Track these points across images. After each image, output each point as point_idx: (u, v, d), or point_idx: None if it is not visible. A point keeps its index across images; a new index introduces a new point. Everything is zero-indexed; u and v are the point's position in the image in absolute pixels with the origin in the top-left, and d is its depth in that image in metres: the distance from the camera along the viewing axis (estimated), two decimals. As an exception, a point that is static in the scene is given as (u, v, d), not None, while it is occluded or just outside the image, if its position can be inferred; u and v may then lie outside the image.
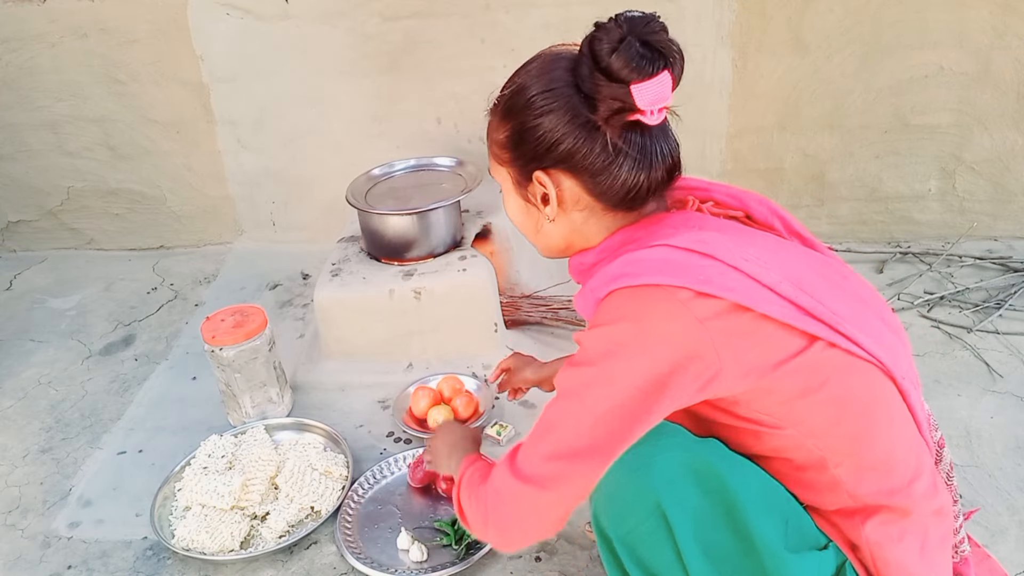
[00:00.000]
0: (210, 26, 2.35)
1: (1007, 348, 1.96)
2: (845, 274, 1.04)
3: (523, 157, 1.02)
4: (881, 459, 0.97)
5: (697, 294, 0.90)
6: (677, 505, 0.96)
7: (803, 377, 0.93)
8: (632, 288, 0.93)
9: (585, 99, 0.96)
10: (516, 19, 2.24)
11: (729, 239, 0.96)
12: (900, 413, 0.99)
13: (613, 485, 0.99)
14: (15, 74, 2.48)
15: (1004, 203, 2.39)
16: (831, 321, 0.93)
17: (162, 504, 1.64)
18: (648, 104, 0.93)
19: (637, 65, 0.91)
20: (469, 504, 1.06)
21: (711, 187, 1.09)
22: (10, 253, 2.78)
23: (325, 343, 2.00)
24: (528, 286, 2.16)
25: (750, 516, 0.96)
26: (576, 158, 0.97)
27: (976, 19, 2.14)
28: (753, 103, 2.31)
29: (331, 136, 2.47)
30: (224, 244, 2.72)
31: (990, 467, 1.61)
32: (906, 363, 1.01)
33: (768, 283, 0.92)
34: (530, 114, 0.99)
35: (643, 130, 0.96)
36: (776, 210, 1.09)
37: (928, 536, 1.01)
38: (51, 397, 2.06)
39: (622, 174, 0.97)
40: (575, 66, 0.97)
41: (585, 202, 1.01)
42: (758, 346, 0.91)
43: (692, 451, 0.98)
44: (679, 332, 0.90)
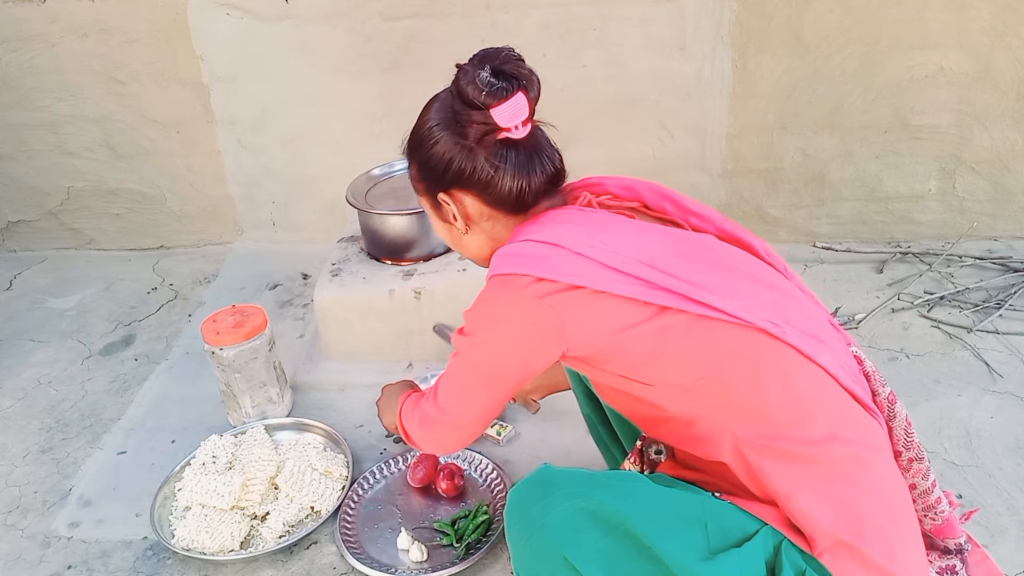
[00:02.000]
0: (210, 26, 2.35)
1: (1007, 348, 1.96)
2: (708, 247, 1.14)
3: (429, 185, 1.20)
4: (758, 407, 1.04)
5: (536, 279, 1.07)
6: (582, 552, 1.02)
7: (649, 340, 1.06)
8: (494, 277, 1.12)
9: (460, 127, 1.13)
10: (516, 19, 2.24)
11: (583, 230, 1.11)
12: (781, 363, 1.05)
13: (521, 547, 1.08)
14: (15, 74, 2.48)
15: (1004, 203, 2.39)
16: (681, 290, 1.05)
17: (162, 504, 1.64)
18: (507, 122, 1.10)
19: (491, 91, 1.08)
20: (408, 423, 1.31)
21: (605, 181, 1.23)
22: (10, 253, 2.78)
23: (325, 343, 2.00)
24: (528, 286, 2.16)
25: (655, 540, 1.01)
26: (465, 176, 1.14)
27: (976, 19, 2.14)
28: (753, 103, 2.31)
29: (331, 136, 2.47)
30: (224, 244, 2.72)
31: (990, 467, 1.61)
32: (802, 319, 1.09)
33: (612, 264, 1.06)
34: (425, 147, 1.18)
35: (514, 144, 1.12)
36: (667, 194, 1.21)
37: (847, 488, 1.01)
38: (51, 397, 2.06)
39: (506, 183, 1.13)
40: (452, 102, 1.15)
41: (487, 212, 1.17)
42: (597, 315, 1.07)
43: (583, 495, 1.05)
44: (520, 310, 1.09)
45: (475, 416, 1.22)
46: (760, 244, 1.20)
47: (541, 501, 1.07)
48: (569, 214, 1.16)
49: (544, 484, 1.09)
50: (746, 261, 1.15)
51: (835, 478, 1.02)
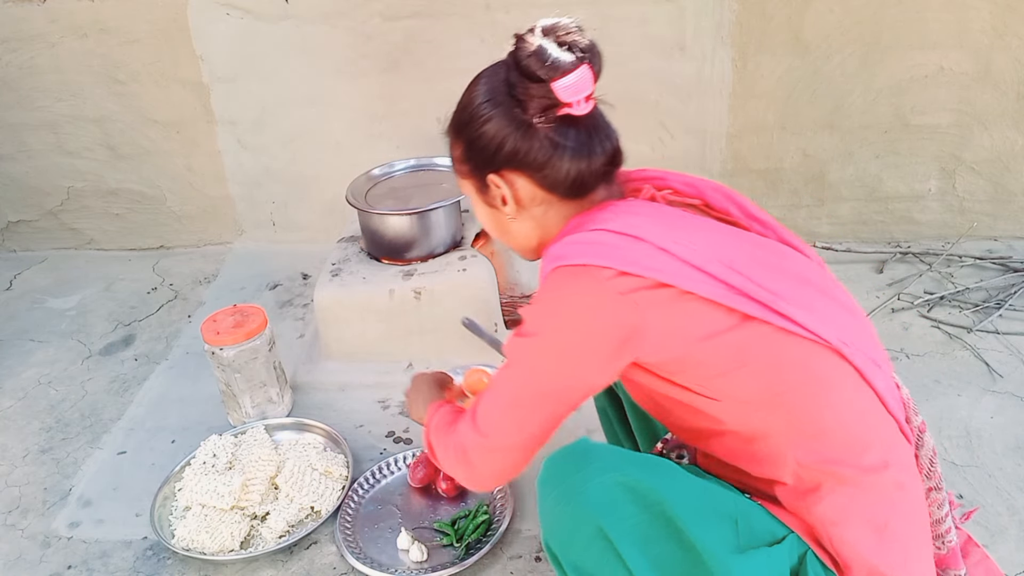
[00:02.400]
0: (210, 26, 2.35)
1: (1007, 348, 1.96)
2: (784, 255, 1.09)
3: (477, 165, 1.11)
4: (823, 429, 1.00)
5: (619, 273, 0.98)
6: (618, 525, 1.00)
7: (731, 352, 1.00)
8: (564, 267, 1.02)
9: (518, 102, 1.05)
10: (516, 19, 2.23)
11: (662, 224, 1.04)
12: (846, 386, 1.02)
13: (556, 514, 1.04)
14: (15, 74, 2.48)
15: (1004, 203, 2.39)
16: (764, 299, 0.99)
17: (162, 504, 1.64)
18: (571, 96, 1.02)
19: (555, 64, 1.01)
20: (440, 448, 1.18)
21: (667, 176, 1.16)
22: (10, 253, 2.78)
23: (325, 343, 2.00)
24: (528, 286, 2.16)
25: (690, 525, 0.99)
26: (520, 156, 1.06)
27: (976, 19, 2.14)
28: (753, 103, 2.31)
29: (331, 136, 2.47)
30: (224, 244, 2.72)
31: (990, 467, 1.61)
32: (864, 340, 1.06)
33: (696, 263, 0.99)
34: (475, 125, 1.09)
35: (575, 122, 1.05)
36: (732, 196, 1.15)
37: (888, 514, 1.01)
38: (51, 397, 2.06)
39: (564, 164, 1.06)
40: (506, 75, 1.07)
41: (540, 196, 1.09)
42: (681, 318, 0.99)
43: (623, 471, 1.01)
44: (599, 306, 0.99)
45: (523, 439, 1.07)
46: (815, 257, 1.14)
47: (581, 471, 1.02)
48: (638, 206, 1.09)
49: (584, 454, 1.04)
50: (818, 274, 1.10)
51: (880, 505, 1.00)
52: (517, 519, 1.56)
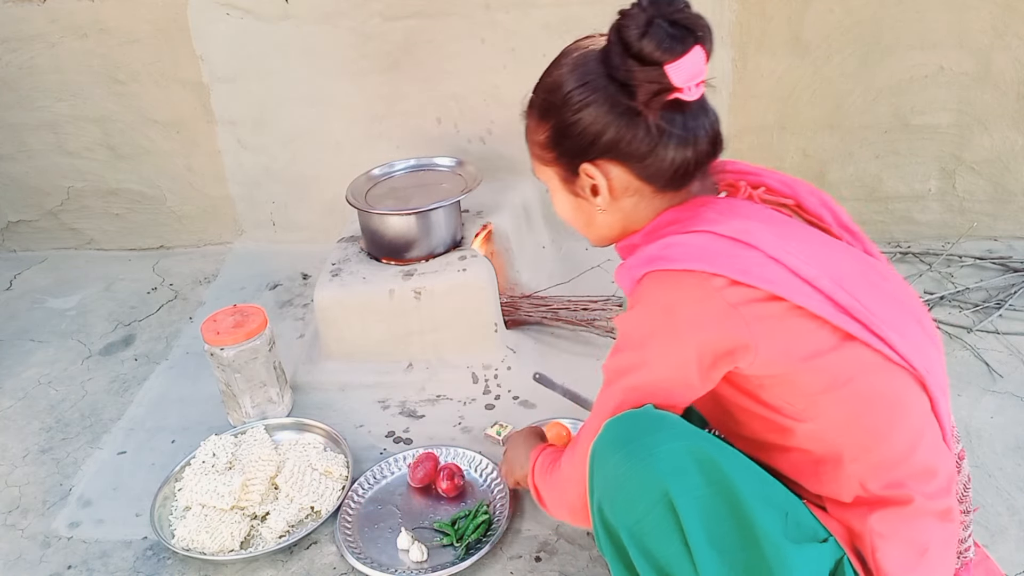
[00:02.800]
0: (210, 26, 2.35)
1: (1007, 348, 1.96)
2: (886, 275, 1.05)
3: (567, 153, 1.03)
4: (897, 459, 0.98)
5: (732, 282, 0.92)
6: (685, 494, 0.96)
7: (831, 373, 0.95)
8: (667, 272, 0.96)
9: (621, 87, 0.96)
10: (516, 19, 2.24)
11: (773, 231, 0.98)
12: (923, 417, 1.00)
13: (619, 475, 0.99)
14: (15, 74, 2.48)
15: (1004, 203, 2.39)
16: (867, 320, 0.95)
17: (162, 504, 1.64)
18: (684, 81, 0.94)
19: (668, 45, 0.93)
20: (545, 491, 1.15)
21: (762, 173, 1.10)
22: (10, 253, 2.78)
23: (325, 343, 2.00)
24: (528, 286, 2.16)
25: (751, 507, 0.96)
26: (621, 145, 0.99)
27: (976, 19, 2.14)
28: (753, 103, 2.31)
29: (331, 136, 2.47)
30: (224, 244, 2.72)
31: (990, 467, 1.61)
32: (938, 370, 1.03)
33: (807, 277, 0.94)
34: (569, 110, 1.00)
35: (683, 107, 0.98)
36: (827, 202, 1.10)
37: (932, 537, 1.01)
38: (51, 397, 2.06)
39: (668, 154, 0.99)
40: (606, 56, 0.98)
41: (634, 187, 1.03)
42: (791, 335, 0.95)
43: (693, 442, 0.98)
44: (711, 317, 0.94)
45: None
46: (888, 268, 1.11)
47: (652, 434, 0.97)
48: (743, 207, 1.02)
49: (655, 419, 0.99)
50: (912, 297, 1.06)
51: (927, 529, 1.00)
52: (517, 519, 1.55)
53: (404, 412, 1.89)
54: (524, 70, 2.34)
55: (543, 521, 1.55)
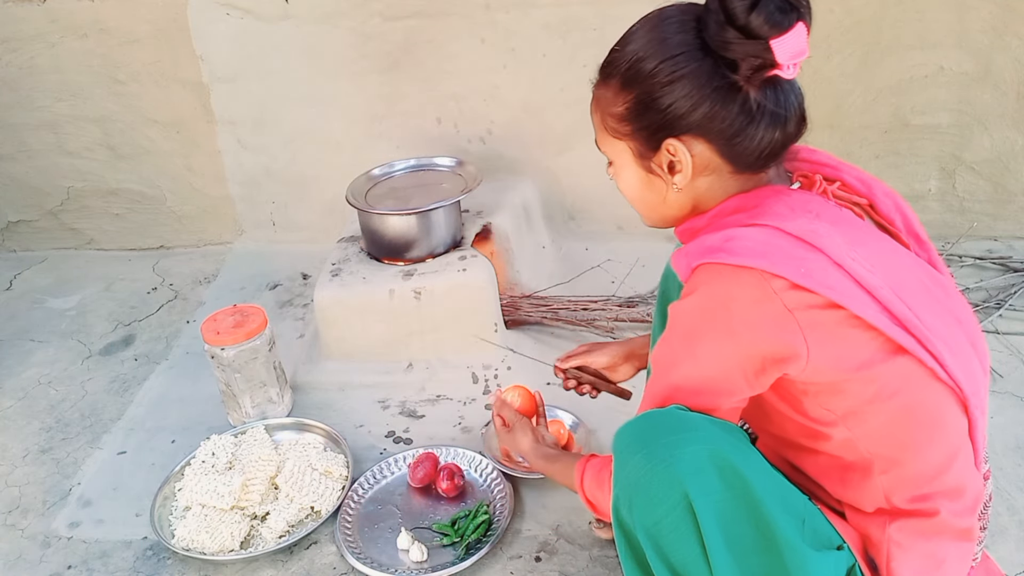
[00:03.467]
0: (210, 26, 2.35)
1: (1007, 348, 1.96)
2: (948, 291, 1.02)
3: (650, 127, 0.98)
4: (927, 475, 0.98)
5: (793, 285, 0.90)
6: (704, 496, 0.94)
7: (879, 384, 0.94)
8: (727, 266, 0.92)
9: (719, 60, 0.93)
10: (516, 19, 2.24)
11: (842, 233, 0.95)
12: (959, 437, 0.99)
13: (640, 475, 0.98)
14: (15, 74, 2.48)
15: (1004, 203, 2.39)
16: (921, 335, 0.93)
17: (162, 504, 1.64)
18: (788, 59, 0.91)
19: (777, 19, 0.89)
20: (601, 497, 1.12)
21: (841, 167, 1.07)
22: (10, 253, 2.78)
23: (325, 343, 2.00)
24: (528, 286, 2.16)
25: (770, 512, 0.95)
26: (714, 122, 0.95)
27: (976, 19, 2.14)
28: (753, 103, 2.31)
29: (331, 136, 2.47)
30: (224, 244, 2.72)
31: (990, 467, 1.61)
32: (983, 392, 1.01)
33: (869, 286, 0.92)
34: (657, 82, 0.95)
35: (779, 85, 0.95)
36: (901, 206, 1.07)
37: (948, 553, 1.01)
38: (51, 397, 2.06)
39: (759, 133, 0.95)
40: (701, 26, 0.94)
41: (715, 165, 0.99)
42: (845, 344, 0.92)
43: (714, 445, 0.96)
44: (767, 320, 0.91)
45: None
46: (950, 282, 1.07)
47: (676, 434, 0.96)
48: (815, 204, 0.98)
49: (679, 420, 0.97)
50: (969, 315, 1.04)
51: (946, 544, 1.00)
52: (517, 519, 1.55)
53: (404, 412, 1.89)
54: (524, 70, 2.36)
55: (543, 521, 1.55)
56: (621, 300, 2.08)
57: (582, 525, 1.53)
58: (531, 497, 1.60)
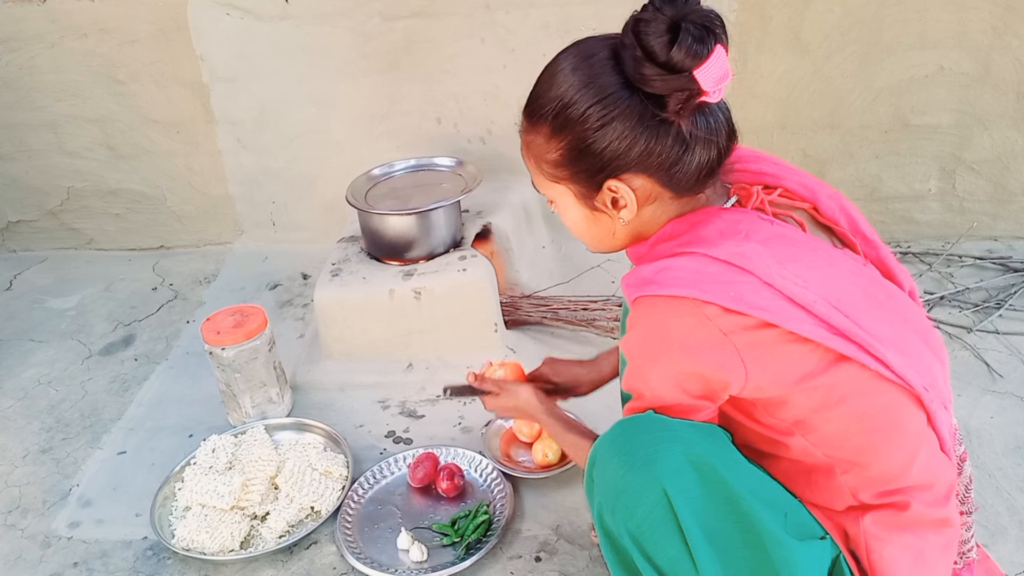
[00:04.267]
0: (210, 26, 2.35)
1: (1007, 348, 1.96)
2: (891, 293, 1.04)
3: (587, 170, 0.99)
4: (891, 473, 0.99)
5: (725, 310, 0.92)
6: (682, 494, 0.96)
7: (823, 393, 0.96)
8: (661, 297, 0.95)
9: (647, 97, 0.92)
10: (516, 19, 2.24)
11: (772, 253, 0.95)
12: (919, 432, 1.00)
13: (619, 478, 1.00)
14: (15, 74, 2.48)
15: (1004, 203, 2.39)
16: (863, 341, 0.94)
17: (162, 504, 1.64)
18: (713, 84, 0.90)
19: (696, 50, 0.88)
20: None
21: (782, 174, 1.08)
22: (10, 253, 2.78)
23: (325, 343, 2.00)
24: (528, 286, 2.16)
25: (751, 506, 0.96)
26: (651, 157, 0.95)
27: (976, 19, 2.14)
28: (753, 103, 2.31)
29: (331, 136, 2.47)
30: (224, 244, 2.72)
31: (990, 467, 1.61)
32: (940, 383, 1.03)
33: (803, 302, 0.93)
34: (588, 127, 0.95)
35: (707, 108, 0.95)
36: (846, 208, 1.08)
37: (927, 543, 1.02)
38: (51, 397, 2.06)
39: (695, 158, 0.96)
40: (620, 65, 0.93)
41: (656, 193, 1.00)
42: (782, 360, 0.94)
43: (690, 444, 0.99)
44: (705, 345, 0.94)
45: None
46: (908, 284, 1.10)
47: (652, 434, 0.99)
48: (747, 223, 0.99)
49: (656, 423, 1.00)
50: (916, 314, 1.06)
51: (924, 535, 1.01)
52: (517, 519, 1.56)
53: (404, 412, 1.89)
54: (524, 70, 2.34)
55: (543, 521, 1.55)
56: (621, 300, 2.08)
57: (582, 525, 1.53)
58: (531, 497, 1.60)
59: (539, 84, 1.01)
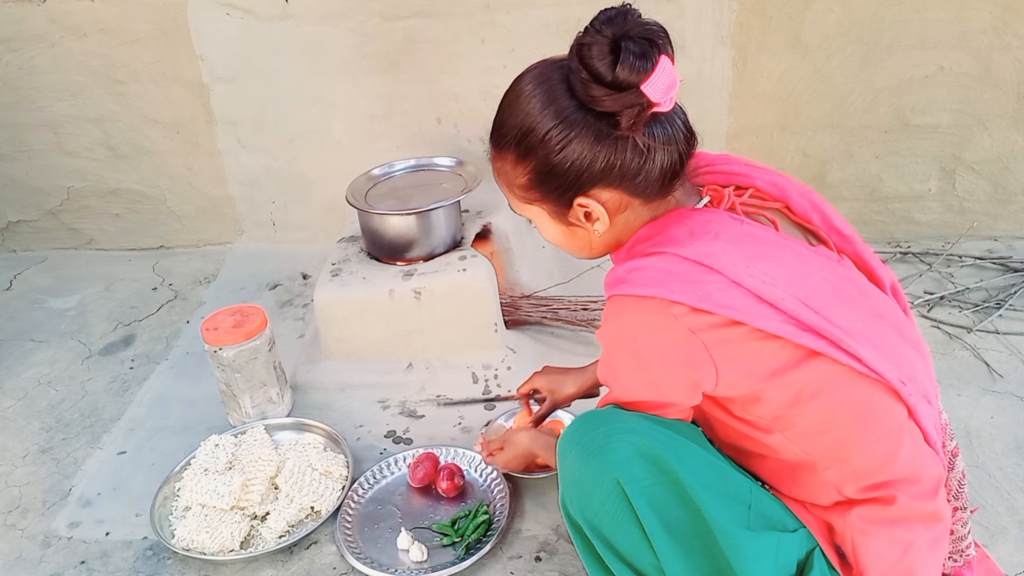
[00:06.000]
0: (210, 26, 2.35)
1: (1007, 348, 1.96)
2: (864, 289, 1.05)
3: (556, 190, 1.02)
4: (873, 467, 1.00)
5: (692, 309, 0.94)
6: (633, 483, 1.00)
7: (795, 389, 0.97)
8: (631, 297, 0.97)
9: (600, 116, 0.95)
10: (516, 19, 2.24)
11: (740, 252, 0.97)
12: (898, 425, 1.01)
13: (576, 467, 1.04)
14: (15, 74, 2.48)
15: (1004, 203, 2.39)
16: (833, 336, 0.96)
17: (162, 504, 1.64)
18: (662, 95, 0.92)
19: (640, 65, 0.90)
20: None
21: (753, 174, 1.10)
22: (10, 253, 2.78)
23: (325, 343, 2.00)
24: (528, 286, 2.16)
25: (699, 496, 0.99)
26: (614, 171, 0.98)
27: (976, 19, 2.14)
28: (753, 103, 2.31)
29: (331, 136, 2.47)
30: (224, 244, 2.72)
31: (990, 467, 1.61)
32: (921, 375, 1.04)
33: (770, 299, 0.95)
34: (550, 151, 0.98)
35: (660, 117, 0.97)
36: (818, 205, 1.09)
37: (916, 536, 1.02)
38: (51, 397, 2.06)
39: (656, 165, 0.98)
40: (572, 87, 0.96)
41: (626, 203, 1.03)
42: (752, 357, 0.96)
43: (639, 435, 1.01)
44: (673, 344, 0.96)
45: None
46: (888, 278, 1.11)
47: (606, 426, 1.03)
48: (716, 223, 1.01)
49: (609, 415, 1.05)
50: (891, 309, 1.07)
51: (911, 529, 1.02)
52: (517, 519, 1.56)
53: (404, 412, 1.89)
54: (524, 70, 2.36)
55: (543, 521, 1.55)
56: (621, 300, 2.08)
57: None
58: (531, 497, 1.60)
59: (500, 112, 1.04)
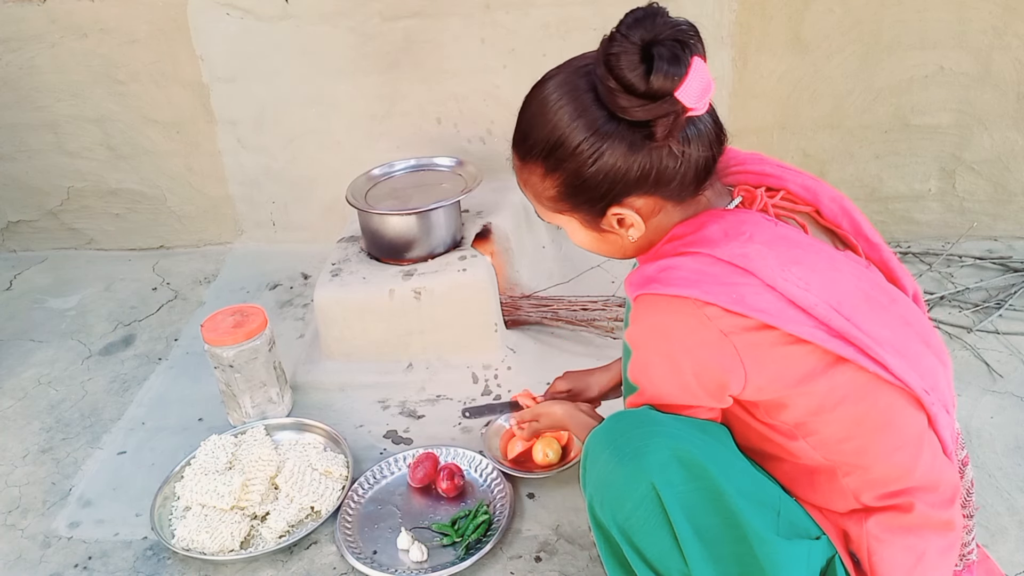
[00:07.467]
0: (210, 26, 2.35)
1: (1007, 348, 1.96)
2: (893, 296, 1.04)
3: (588, 202, 0.99)
4: (893, 475, 1.00)
5: (726, 311, 0.92)
6: (669, 488, 0.98)
7: (821, 395, 0.96)
8: (663, 296, 0.96)
9: (632, 126, 0.92)
10: (516, 19, 2.24)
11: (775, 255, 0.96)
12: (919, 434, 1.01)
13: (609, 471, 1.02)
14: (15, 74, 2.48)
15: (1004, 203, 2.39)
16: (862, 344, 0.95)
17: (162, 504, 1.64)
18: (696, 100, 0.89)
19: (673, 72, 0.87)
20: None
21: (786, 176, 1.08)
22: (10, 253, 2.78)
23: (325, 343, 2.00)
24: (528, 286, 2.16)
25: (736, 503, 0.97)
26: (648, 179, 0.95)
27: (976, 19, 2.14)
28: (753, 103, 2.31)
29: (331, 136, 2.47)
30: (224, 244, 2.72)
31: (990, 467, 1.61)
32: (943, 385, 1.03)
33: (804, 305, 0.94)
34: (581, 164, 0.95)
35: (695, 121, 0.94)
36: (848, 211, 1.08)
37: (929, 545, 1.02)
38: (51, 397, 2.06)
39: (689, 168, 0.96)
40: (601, 99, 0.92)
41: (659, 206, 1.01)
42: (782, 362, 0.95)
43: (678, 440, 0.99)
44: (705, 345, 0.95)
45: None
46: (912, 286, 1.10)
47: (641, 429, 1.01)
48: (750, 225, 0.99)
49: (646, 417, 1.02)
50: (918, 317, 1.06)
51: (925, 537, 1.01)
52: (517, 519, 1.56)
53: (404, 412, 1.89)
54: (524, 70, 2.36)
55: (543, 521, 1.55)
56: (621, 300, 2.08)
57: (582, 525, 1.53)
58: (531, 497, 1.60)
59: (525, 121, 1.01)
